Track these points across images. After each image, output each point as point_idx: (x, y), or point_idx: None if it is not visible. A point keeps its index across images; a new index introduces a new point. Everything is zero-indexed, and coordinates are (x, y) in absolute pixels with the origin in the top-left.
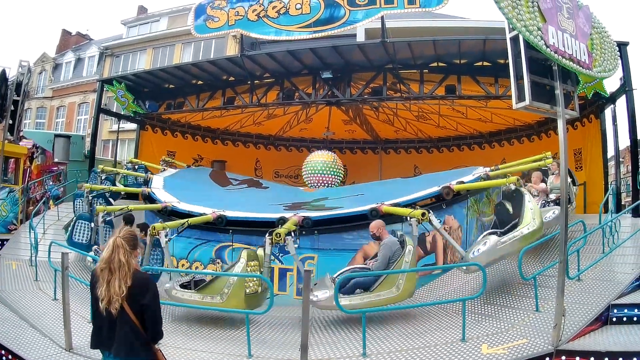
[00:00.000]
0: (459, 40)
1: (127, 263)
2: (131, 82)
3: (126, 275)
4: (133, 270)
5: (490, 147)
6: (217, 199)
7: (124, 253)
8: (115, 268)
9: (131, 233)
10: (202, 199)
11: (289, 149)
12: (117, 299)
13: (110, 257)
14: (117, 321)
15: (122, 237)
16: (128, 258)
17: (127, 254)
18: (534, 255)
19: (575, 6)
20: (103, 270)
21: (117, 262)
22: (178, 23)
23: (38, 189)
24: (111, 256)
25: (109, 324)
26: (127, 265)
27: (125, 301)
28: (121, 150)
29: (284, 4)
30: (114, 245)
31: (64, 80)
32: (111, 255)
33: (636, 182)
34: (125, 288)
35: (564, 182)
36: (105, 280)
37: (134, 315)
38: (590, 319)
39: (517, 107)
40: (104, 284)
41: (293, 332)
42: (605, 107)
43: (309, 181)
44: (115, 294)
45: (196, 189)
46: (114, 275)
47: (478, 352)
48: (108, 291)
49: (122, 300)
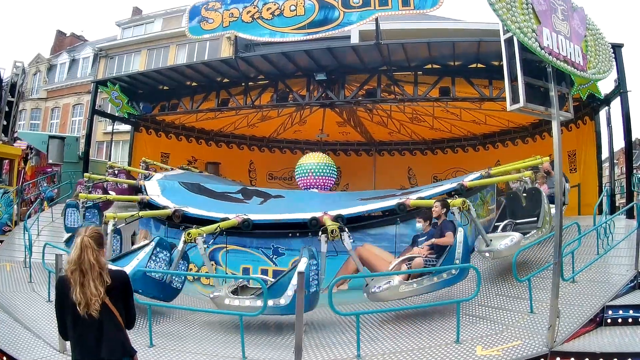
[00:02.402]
0: (453, 42)
1: (98, 262)
2: (125, 84)
3: (100, 275)
4: (106, 268)
5: (484, 149)
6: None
7: (92, 252)
8: (86, 269)
9: (97, 231)
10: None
11: (283, 150)
12: (96, 300)
13: (80, 258)
14: (104, 322)
15: (88, 236)
16: (97, 257)
17: (96, 253)
18: (529, 257)
19: (569, 8)
20: (74, 272)
21: (87, 263)
22: (172, 24)
23: (32, 190)
24: (80, 257)
25: (91, 327)
26: (99, 264)
27: (109, 300)
28: (115, 152)
29: (278, 6)
30: (81, 245)
31: (58, 81)
32: (80, 256)
33: (630, 184)
34: (103, 288)
35: (559, 183)
36: (78, 283)
37: (118, 313)
38: (585, 321)
39: (512, 109)
40: (77, 286)
41: (287, 334)
42: (599, 109)
43: (301, 183)
44: (93, 295)
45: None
46: (86, 277)
47: (472, 353)
48: (84, 294)
49: (104, 299)
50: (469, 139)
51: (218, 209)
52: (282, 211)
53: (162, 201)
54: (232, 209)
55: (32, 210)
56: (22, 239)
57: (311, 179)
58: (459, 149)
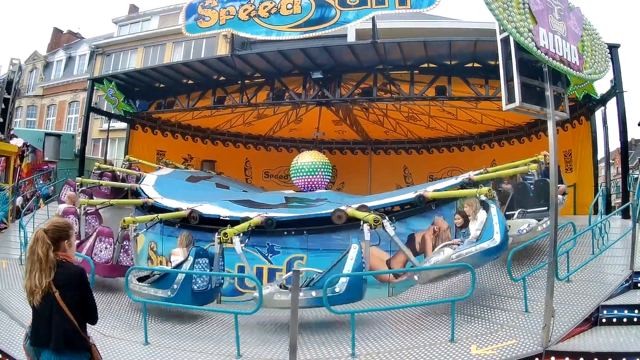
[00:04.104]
0: (450, 42)
1: (46, 256)
2: (122, 81)
3: (46, 269)
4: (58, 263)
5: (480, 148)
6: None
7: (42, 246)
8: (34, 260)
9: (56, 225)
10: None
11: (279, 149)
12: (38, 291)
13: (32, 249)
14: (52, 315)
15: (44, 230)
16: (47, 251)
17: (47, 247)
18: (524, 256)
19: (566, 8)
20: (28, 260)
21: (36, 255)
22: (169, 22)
23: (28, 188)
24: (32, 248)
25: (41, 317)
26: (46, 258)
27: (59, 295)
28: (111, 150)
29: (275, 4)
30: (34, 237)
31: (54, 78)
32: (32, 247)
33: (626, 184)
34: (46, 282)
35: (554, 183)
36: (28, 271)
37: (67, 308)
38: (579, 320)
39: (507, 109)
40: (27, 274)
41: (282, 332)
42: (595, 109)
43: (297, 182)
44: (35, 286)
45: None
46: (33, 267)
47: (467, 352)
48: (29, 282)
49: (55, 293)
50: (464, 138)
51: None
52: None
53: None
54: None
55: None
56: (18, 236)
57: (306, 179)
58: (454, 148)
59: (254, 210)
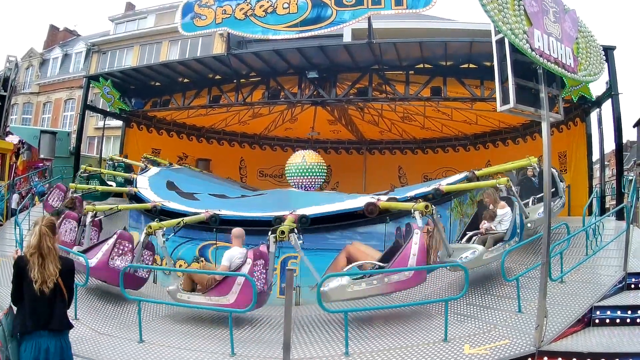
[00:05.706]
0: (445, 42)
1: (54, 248)
2: (118, 79)
3: (55, 259)
4: (59, 254)
5: (475, 149)
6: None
7: (49, 239)
8: (45, 253)
9: (52, 221)
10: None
11: (274, 148)
12: (53, 279)
13: (40, 243)
14: (55, 298)
15: (45, 226)
16: (53, 243)
17: (52, 240)
18: (517, 257)
19: (561, 10)
20: (33, 255)
21: (46, 248)
22: (165, 20)
23: (24, 185)
24: (39, 243)
25: (44, 302)
26: (54, 250)
27: (61, 280)
28: (106, 148)
29: (272, 3)
30: (40, 233)
31: (50, 76)
32: (39, 242)
33: (621, 186)
34: (57, 269)
35: (547, 183)
36: (37, 264)
37: (66, 291)
38: (572, 321)
39: (502, 110)
40: (36, 267)
41: (276, 331)
42: (590, 111)
43: (293, 182)
44: (50, 275)
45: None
46: (45, 260)
47: (460, 352)
48: (42, 273)
49: (58, 279)
50: (459, 138)
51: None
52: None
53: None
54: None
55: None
56: (14, 233)
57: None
58: (449, 148)
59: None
